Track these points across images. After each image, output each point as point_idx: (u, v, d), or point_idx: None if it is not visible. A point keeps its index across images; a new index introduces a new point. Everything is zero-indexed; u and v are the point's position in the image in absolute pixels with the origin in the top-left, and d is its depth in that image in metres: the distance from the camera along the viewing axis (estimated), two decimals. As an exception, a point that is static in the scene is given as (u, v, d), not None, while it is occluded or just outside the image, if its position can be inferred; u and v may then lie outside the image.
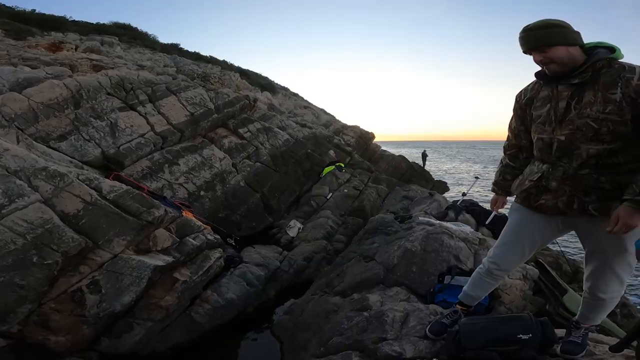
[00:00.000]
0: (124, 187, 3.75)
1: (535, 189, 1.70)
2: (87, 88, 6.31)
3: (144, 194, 3.90)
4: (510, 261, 1.87)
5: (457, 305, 2.10)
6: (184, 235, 3.90)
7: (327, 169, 9.20)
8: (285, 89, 26.78)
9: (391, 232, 3.90)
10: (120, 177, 5.03)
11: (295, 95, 26.99)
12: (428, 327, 2.10)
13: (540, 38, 1.53)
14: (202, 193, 6.68)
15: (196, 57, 20.50)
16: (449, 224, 3.95)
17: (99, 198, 3.35)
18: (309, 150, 9.65)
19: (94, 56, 8.63)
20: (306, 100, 26.58)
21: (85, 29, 17.06)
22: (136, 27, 20.81)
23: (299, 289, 4.56)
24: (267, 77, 25.61)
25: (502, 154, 2.04)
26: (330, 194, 8.08)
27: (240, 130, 8.54)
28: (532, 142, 1.76)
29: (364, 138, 15.70)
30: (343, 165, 9.88)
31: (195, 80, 9.77)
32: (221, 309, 3.77)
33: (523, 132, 1.83)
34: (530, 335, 1.72)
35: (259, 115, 10.49)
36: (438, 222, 4.08)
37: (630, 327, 2.16)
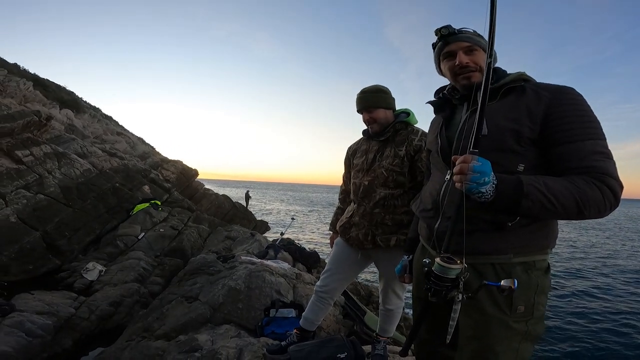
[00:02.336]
0: None
1: (348, 224, 2.05)
2: None
3: None
4: (333, 286, 2.13)
5: (295, 330, 2.24)
6: None
7: (139, 207, 8.12)
8: (96, 110, 22.69)
9: (214, 272, 3.73)
10: None
11: (108, 118, 23.22)
12: (266, 348, 2.18)
13: (369, 100, 1.94)
14: (-60, 231, 4.69)
15: None
16: (269, 262, 4.11)
17: None
18: (117, 184, 8.33)
19: None
20: (121, 126, 23.16)
21: None
22: None
23: (107, 337, 3.96)
24: (73, 92, 21.07)
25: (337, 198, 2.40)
26: (143, 233, 7.12)
27: (19, 153, 6.64)
28: None
29: (186, 174, 14.87)
30: (160, 203, 8.95)
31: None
32: None
33: (349, 178, 2.19)
34: (346, 353, 1.97)
35: (51, 137, 8.47)
36: (259, 260, 4.20)
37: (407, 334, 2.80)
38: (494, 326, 1.08)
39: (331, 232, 2.42)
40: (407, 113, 2.02)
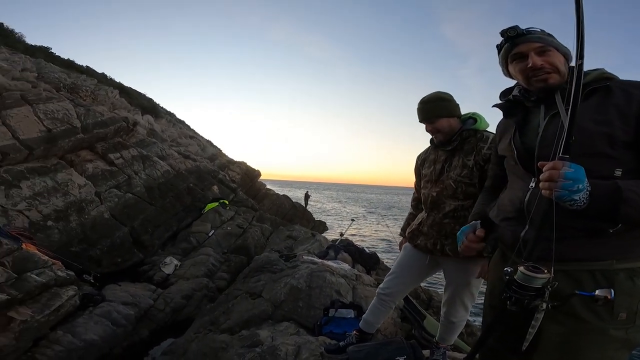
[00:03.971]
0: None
1: (417, 231, 2.03)
2: None
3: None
4: (396, 289, 2.12)
5: (354, 332, 2.27)
6: (25, 270, 3.34)
7: (210, 205, 8.77)
8: (171, 115, 24.85)
9: (277, 270, 3.90)
10: None
11: (182, 122, 25.30)
12: (324, 346, 2.25)
13: (430, 111, 1.88)
14: (50, 223, 5.54)
15: (68, 64, 17.31)
16: (330, 262, 4.19)
17: None
18: (191, 185, 9.09)
19: None
20: (192, 130, 25.11)
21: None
22: (2, 23, 16.74)
23: (177, 328, 4.26)
24: (151, 99, 23.31)
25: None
26: (213, 231, 7.68)
27: (111, 156, 7.57)
28: None
29: (250, 175, 15.69)
30: (227, 203, 9.58)
31: (61, 92, 8.33)
32: (78, 351, 3.32)
33: (420, 187, 2.16)
34: (405, 356, 1.95)
35: (137, 141, 9.51)
36: (320, 260, 4.30)
37: (473, 344, 2.68)
38: (589, 333, 1.03)
39: (402, 237, 2.40)
40: (474, 119, 1.91)
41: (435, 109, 1.87)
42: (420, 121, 1.95)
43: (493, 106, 1.35)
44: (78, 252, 5.52)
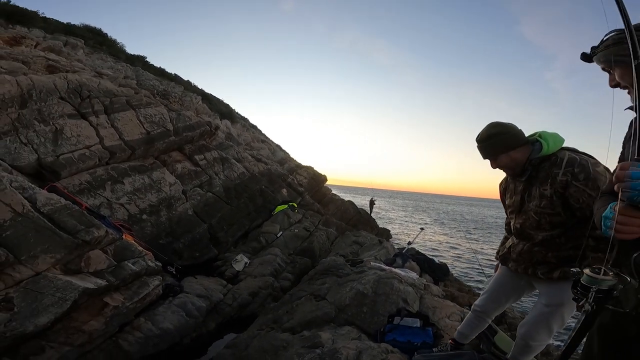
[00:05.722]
0: (63, 201, 3.48)
1: (507, 255, 1.99)
2: (40, 89, 5.84)
3: (84, 211, 3.61)
4: (491, 307, 2.13)
5: (450, 340, 2.33)
6: (123, 259, 3.66)
7: (279, 207, 9.14)
8: (245, 120, 26.48)
9: (342, 275, 3.94)
10: (57, 189, 4.59)
11: (254, 127, 26.85)
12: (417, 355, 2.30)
13: (485, 150, 1.83)
14: (144, 216, 6.27)
15: (160, 73, 19.48)
16: (397, 270, 4.11)
17: (31, 210, 3.07)
18: (263, 187, 9.57)
19: (52, 56, 7.96)
20: (264, 134, 26.51)
21: (53, 27, 15.90)
22: (106, 33, 19.61)
23: (241, 324, 4.43)
24: (228, 105, 25.11)
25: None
26: (281, 232, 8.00)
27: (196, 157, 8.32)
28: None
29: (317, 180, 15.99)
30: (296, 205, 9.89)
31: (157, 98, 9.43)
32: (154, 338, 3.53)
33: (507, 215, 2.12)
34: (475, 370, 1.83)
35: (217, 144, 10.33)
36: (388, 267, 4.25)
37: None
38: None
39: (497, 260, 2.33)
40: (540, 143, 1.75)
41: (489, 148, 1.80)
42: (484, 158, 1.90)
43: (626, 109, 1.23)
44: (164, 245, 6.13)
